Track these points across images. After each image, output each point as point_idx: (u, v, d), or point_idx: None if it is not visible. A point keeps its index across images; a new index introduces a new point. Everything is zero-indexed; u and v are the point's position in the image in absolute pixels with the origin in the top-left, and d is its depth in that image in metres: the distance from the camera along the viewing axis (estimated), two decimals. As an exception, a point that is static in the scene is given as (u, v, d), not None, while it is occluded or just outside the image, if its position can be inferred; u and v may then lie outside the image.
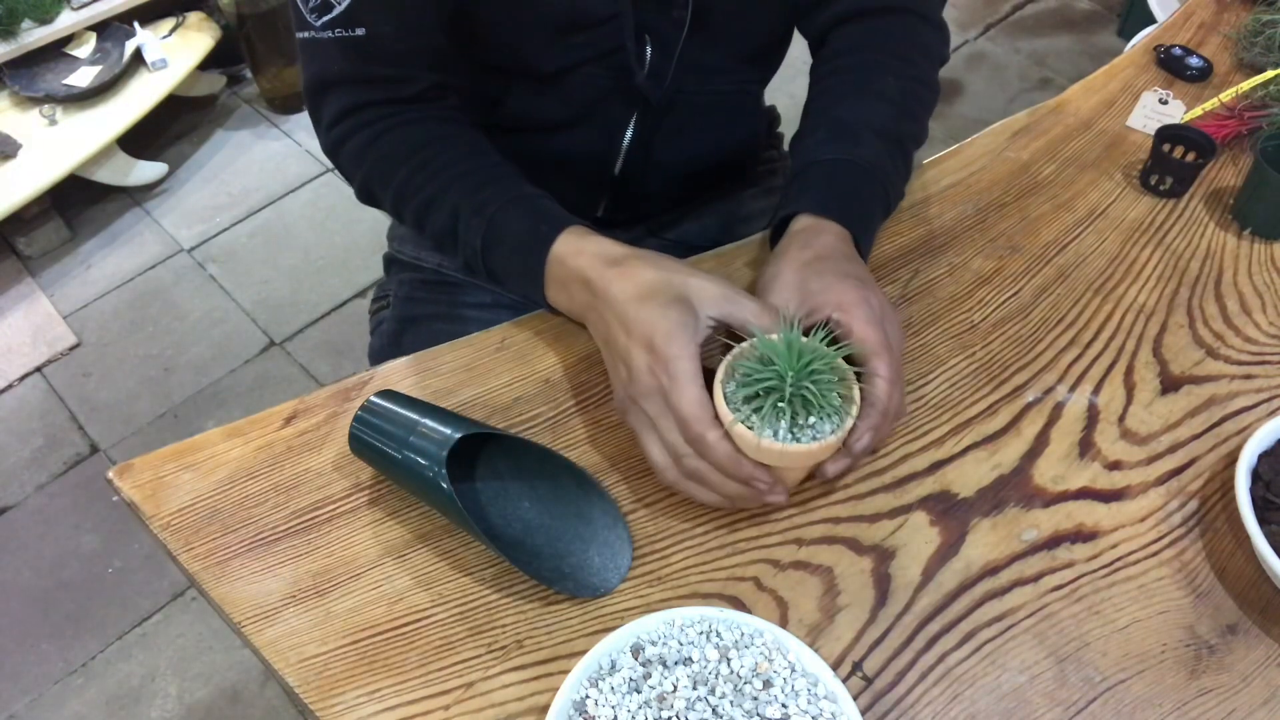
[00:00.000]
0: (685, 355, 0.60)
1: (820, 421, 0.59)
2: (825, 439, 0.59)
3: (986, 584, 0.62)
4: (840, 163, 0.74)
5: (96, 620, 1.58)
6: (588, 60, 0.81)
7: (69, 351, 1.95)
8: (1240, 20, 1.06)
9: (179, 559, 0.63)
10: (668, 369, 0.60)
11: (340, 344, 1.96)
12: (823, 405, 0.59)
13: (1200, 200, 0.88)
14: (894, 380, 0.62)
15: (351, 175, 0.81)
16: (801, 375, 0.58)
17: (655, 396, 0.61)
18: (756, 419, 0.59)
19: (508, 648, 0.59)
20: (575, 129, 0.87)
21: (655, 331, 0.61)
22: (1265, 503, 0.62)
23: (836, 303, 0.63)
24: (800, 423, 0.59)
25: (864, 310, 0.62)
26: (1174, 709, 0.57)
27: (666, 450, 0.61)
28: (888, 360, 0.61)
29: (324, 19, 0.72)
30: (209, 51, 2.27)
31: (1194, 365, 0.75)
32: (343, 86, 0.77)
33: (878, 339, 0.61)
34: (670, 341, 0.60)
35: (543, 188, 0.94)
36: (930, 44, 0.84)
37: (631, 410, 0.63)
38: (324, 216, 2.20)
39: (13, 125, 2.03)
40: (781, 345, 0.58)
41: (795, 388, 0.58)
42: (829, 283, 0.64)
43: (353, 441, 0.64)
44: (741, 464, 0.59)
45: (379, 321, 1.00)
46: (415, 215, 0.77)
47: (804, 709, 0.53)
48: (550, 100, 0.85)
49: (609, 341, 0.65)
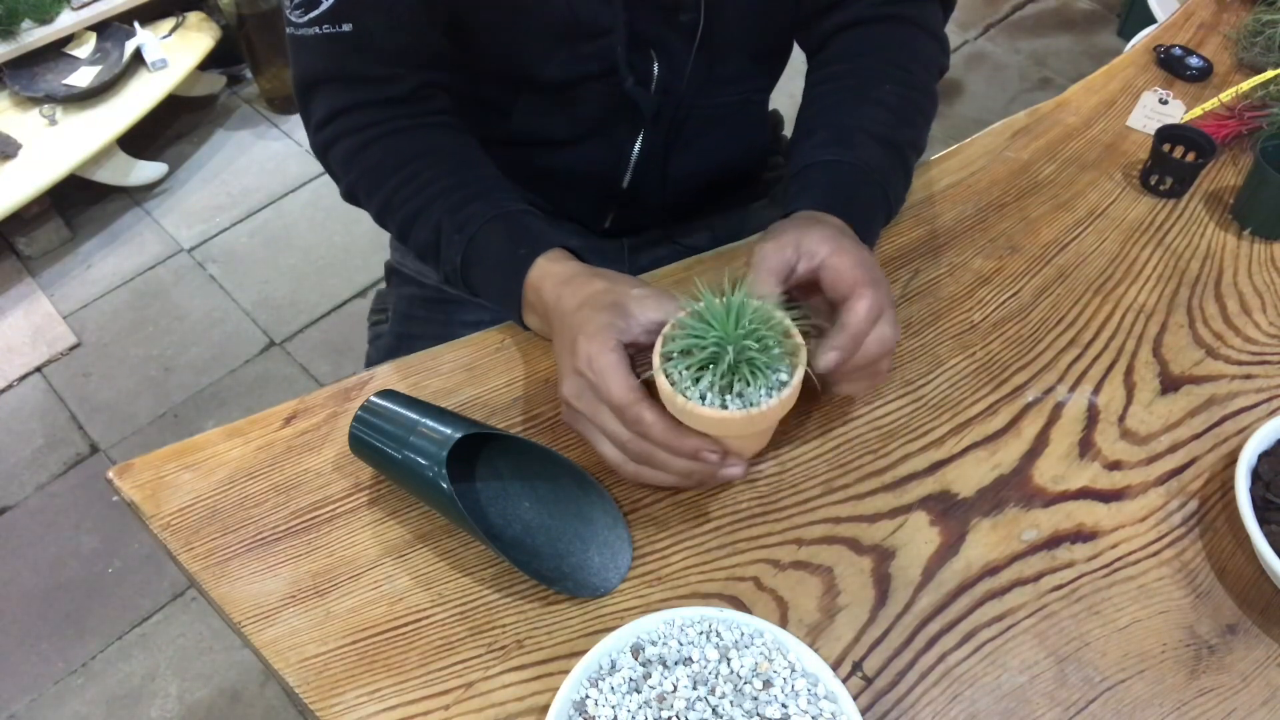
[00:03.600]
0: (607, 348, 0.59)
1: (754, 393, 0.57)
2: (749, 409, 0.56)
3: (986, 584, 0.62)
4: (840, 165, 0.74)
5: (96, 620, 1.58)
6: (594, 76, 0.81)
7: (69, 351, 1.95)
8: (1240, 20, 1.06)
9: (179, 559, 0.63)
10: (591, 365, 0.59)
11: (340, 344, 1.96)
12: (758, 374, 0.56)
13: (1200, 200, 0.88)
14: (873, 310, 0.60)
15: (339, 178, 0.81)
16: (735, 338, 0.55)
17: (586, 393, 0.61)
18: (685, 375, 0.57)
19: (508, 648, 0.59)
20: (583, 144, 0.87)
21: (580, 331, 0.61)
22: (1265, 503, 0.62)
23: (833, 248, 0.62)
24: (735, 390, 0.57)
25: (855, 256, 0.62)
26: (1174, 709, 0.57)
27: (613, 443, 0.61)
28: (872, 293, 0.60)
29: (310, 15, 0.72)
30: (209, 51, 2.27)
31: (1194, 365, 0.75)
32: (331, 85, 0.76)
33: (864, 275, 0.61)
34: (591, 339, 0.60)
35: (550, 201, 0.94)
36: (929, 54, 0.83)
37: (573, 416, 0.63)
38: (324, 216, 2.20)
39: (13, 125, 2.03)
40: (721, 306, 0.56)
41: (725, 350, 0.55)
42: (830, 234, 0.63)
43: (353, 441, 0.64)
44: (684, 437, 0.58)
45: (377, 334, 1.00)
46: (399, 228, 0.77)
47: (804, 709, 0.53)
48: (558, 117, 0.85)
49: (556, 354, 0.66)
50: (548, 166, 0.90)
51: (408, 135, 0.77)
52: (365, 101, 0.77)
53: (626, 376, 0.59)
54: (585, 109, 0.84)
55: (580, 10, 0.76)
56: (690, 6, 0.78)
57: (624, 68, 0.80)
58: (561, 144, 0.88)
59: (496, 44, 0.80)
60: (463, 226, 0.72)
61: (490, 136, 0.88)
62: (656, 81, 0.83)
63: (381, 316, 1.01)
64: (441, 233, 0.73)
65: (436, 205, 0.74)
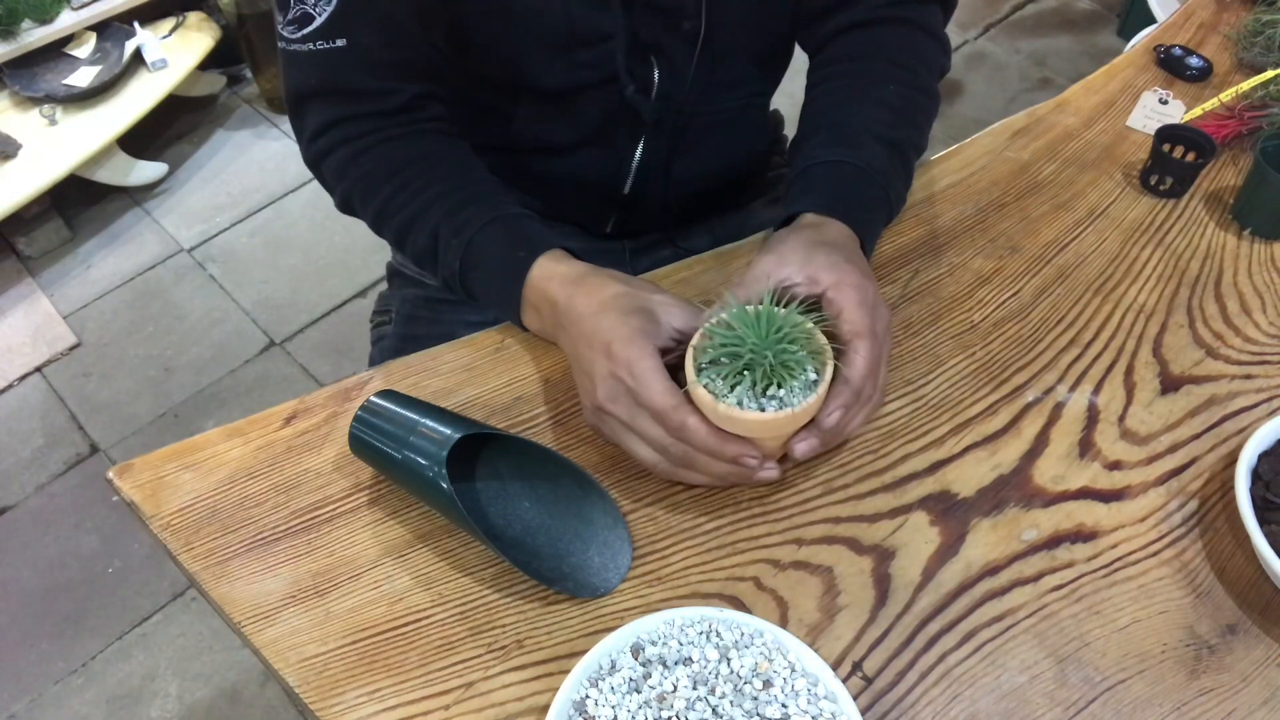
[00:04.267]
0: (645, 354, 0.60)
1: (789, 394, 0.59)
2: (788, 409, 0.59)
3: (986, 584, 0.62)
4: (843, 165, 0.74)
5: (96, 620, 1.58)
6: (594, 83, 0.81)
7: (69, 351, 1.95)
8: (1240, 20, 1.06)
9: (179, 559, 0.63)
10: (630, 370, 0.60)
11: (340, 344, 1.96)
12: (790, 377, 0.59)
13: (1200, 200, 0.88)
14: (872, 363, 0.62)
15: (333, 188, 0.80)
16: (769, 344, 0.58)
17: (623, 399, 0.61)
18: (721, 384, 0.59)
19: (508, 648, 0.59)
20: (585, 150, 0.87)
21: (614, 338, 0.61)
22: (1265, 503, 0.62)
23: (835, 280, 0.63)
24: (770, 394, 0.59)
25: (858, 295, 0.63)
26: (1174, 709, 0.57)
27: (651, 446, 0.62)
28: (870, 344, 0.62)
29: (304, 31, 0.72)
30: (209, 51, 2.27)
31: (1194, 365, 0.75)
32: (324, 98, 0.76)
33: (865, 323, 0.62)
34: (628, 345, 0.61)
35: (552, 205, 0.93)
36: (930, 54, 0.83)
37: (604, 420, 0.63)
38: (324, 216, 2.20)
39: (13, 125, 2.03)
40: (752, 314, 0.59)
41: (762, 356, 0.58)
42: (835, 261, 0.64)
43: (353, 441, 0.64)
44: (726, 442, 0.59)
45: (380, 335, 1.00)
46: (396, 234, 0.77)
47: (804, 709, 0.53)
48: (559, 123, 0.85)
49: (575, 357, 0.66)
50: (550, 172, 0.90)
51: (401, 143, 0.77)
52: (358, 114, 0.76)
53: (668, 382, 0.60)
54: (586, 116, 0.84)
55: (578, 19, 0.76)
56: (692, 14, 0.78)
57: (624, 75, 0.80)
58: (563, 150, 0.88)
59: (496, 53, 0.80)
60: (460, 230, 0.72)
61: (492, 142, 0.87)
62: (658, 88, 0.83)
63: (384, 318, 1.01)
64: (439, 238, 0.73)
65: (433, 210, 0.74)
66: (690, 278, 0.81)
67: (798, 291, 0.64)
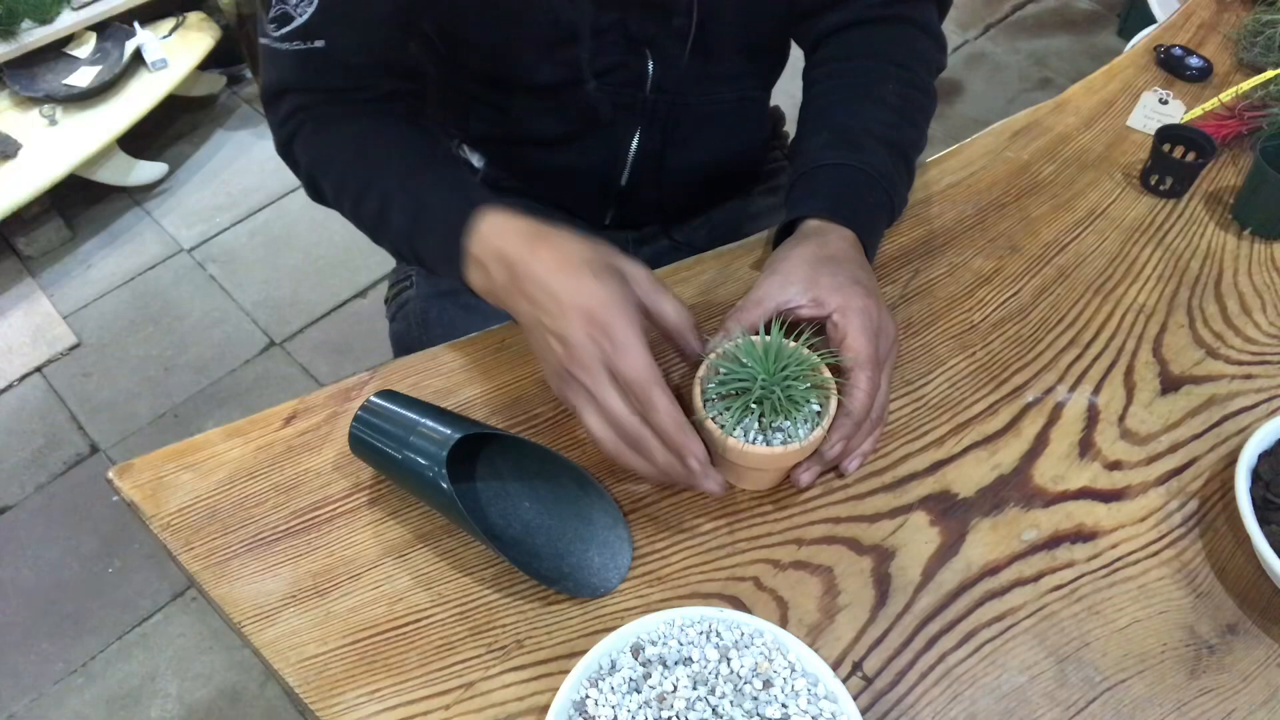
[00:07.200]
0: (629, 321, 0.58)
1: (793, 426, 0.61)
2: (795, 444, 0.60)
3: (986, 584, 0.62)
4: (845, 167, 0.74)
5: (96, 620, 1.58)
6: (585, 78, 0.81)
7: (69, 351, 1.95)
8: (1240, 20, 1.06)
9: (179, 559, 0.63)
10: (611, 336, 0.58)
11: (340, 344, 1.96)
12: (795, 410, 0.60)
13: (1200, 200, 0.88)
14: (873, 394, 0.63)
15: (299, 167, 0.79)
16: (777, 380, 0.59)
17: (596, 365, 0.59)
18: (727, 418, 0.60)
19: (508, 648, 0.59)
20: (580, 142, 0.87)
21: (594, 300, 0.59)
22: (1265, 503, 0.62)
23: (841, 305, 0.64)
24: (773, 426, 0.61)
25: (863, 320, 0.63)
26: (1174, 709, 0.57)
27: (605, 418, 0.60)
28: (870, 374, 0.62)
29: (283, 30, 0.72)
30: (209, 51, 2.28)
31: (1194, 365, 0.75)
32: (300, 94, 0.76)
33: (867, 351, 0.62)
34: (610, 309, 0.58)
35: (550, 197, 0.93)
36: (927, 52, 0.83)
37: (569, 384, 0.61)
38: (324, 216, 2.20)
39: (13, 125, 2.03)
40: (759, 347, 0.60)
41: (768, 390, 0.59)
42: (841, 283, 0.65)
43: (353, 441, 0.64)
44: (687, 435, 0.58)
45: (401, 303, 0.98)
46: (353, 203, 0.75)
47: (804, 709, 0.53)
48: (553, 117, 0.85)
49: (535, 320, 0.62)
50: (546, 163, 0.90)
51: (366, 120, 0.76)
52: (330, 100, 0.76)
53: (648, 354, 0.58)
54: (579, 109, 0.84)
55: (563, 15, 0.76)
56: (683, 10, 0.78)
57: (617, 69, 0.80)
58: (558, 142, 0.88)
59: (486, 51, 0.80)
60: (409, 191, 0.71)
61: (488, 134, 0.87)
62: (651, 81, 0.83)
63: (404, 285, 0.99)
64: (390, 200, 0.72)
65: (387, 175, 0.73)
66: (690, 277, 0.81)
67: (802, 314, 0.65)
